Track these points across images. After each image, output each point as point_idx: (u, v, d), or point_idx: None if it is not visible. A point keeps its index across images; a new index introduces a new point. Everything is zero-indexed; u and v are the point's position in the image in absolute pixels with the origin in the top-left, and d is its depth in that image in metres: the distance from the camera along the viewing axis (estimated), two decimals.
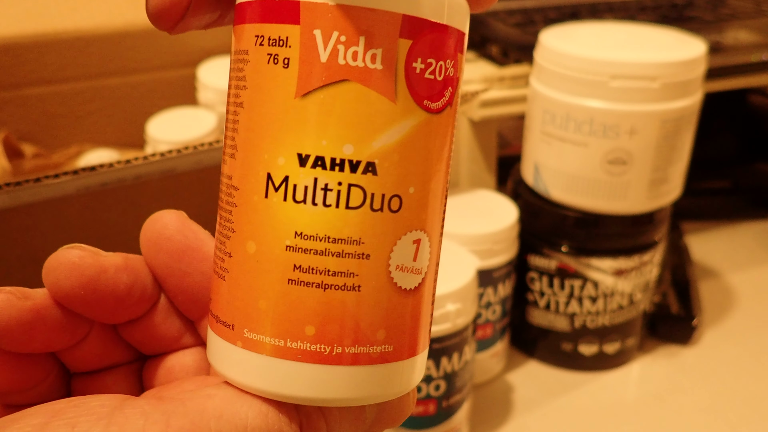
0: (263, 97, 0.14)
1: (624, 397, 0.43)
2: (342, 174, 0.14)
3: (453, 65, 0.15)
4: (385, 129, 0.14)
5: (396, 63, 0.14)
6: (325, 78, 0.14)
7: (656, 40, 0.40)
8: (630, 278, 0.43)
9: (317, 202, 0.14)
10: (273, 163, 0.14)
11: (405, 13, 0.14)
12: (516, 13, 0.66)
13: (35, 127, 0.59)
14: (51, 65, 0.57)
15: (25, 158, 0.55)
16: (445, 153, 0.16)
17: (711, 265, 0.57)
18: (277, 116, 0.14)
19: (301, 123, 0.14)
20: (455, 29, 0.15)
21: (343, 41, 0.14)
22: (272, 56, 0.14)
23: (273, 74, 0.14)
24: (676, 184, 0.42)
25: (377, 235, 0.14)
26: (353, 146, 0.14)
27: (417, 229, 0.15)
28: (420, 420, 0.36)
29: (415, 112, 0.15)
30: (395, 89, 0.14)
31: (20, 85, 0.57)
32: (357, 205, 0.14)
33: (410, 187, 0.15)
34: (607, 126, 0.38)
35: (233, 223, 0.15)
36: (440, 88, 0.15)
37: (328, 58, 0.14)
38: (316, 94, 0.14)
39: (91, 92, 0.60)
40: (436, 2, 0.15)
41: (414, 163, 0.15)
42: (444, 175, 0.16)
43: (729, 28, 0.61)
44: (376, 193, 0.14)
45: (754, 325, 0.50)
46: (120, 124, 0.62)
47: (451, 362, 0.35)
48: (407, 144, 0.15)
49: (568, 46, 0.39)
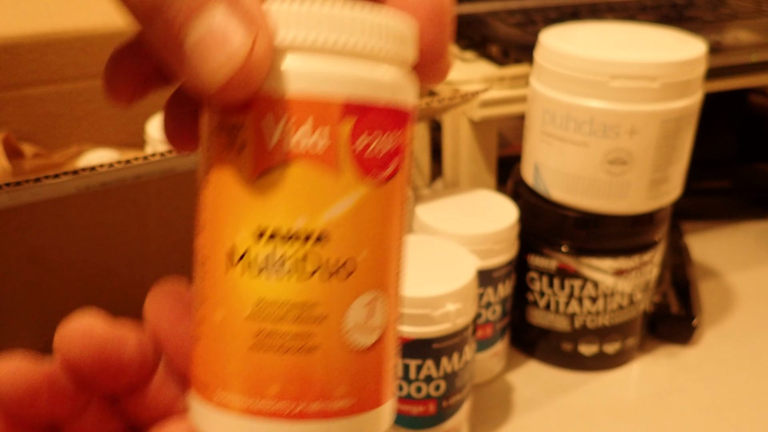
0: (223, 178, 0.16)
1: (624, 397, 0.43)
2: (296, 245, 0.16)
3: (397, 137, 0.17)
4: (333, 202, 0.16)
5: (340, 143, 0.16)
6: (277, 160, 0.15)
7: (656, 40, 0.40)
8: (630, 278, 0.43)
9: (275, 272, 0.16)
10: (234, 238, 0.16)
11: (346, 98, 0.15)
12: (516, 13, 0.66)
13: (35, 127, 0.59)
14: (51, 65, 0.57)
15: (25, 158, 0.55)
16: (395, 216, 0.17)
17: (711, 265, 0.57)
18: (236, 196, 0.16)
19: (257, 201, 0.15)
20: (397, 106, 0.16)
21: (291, 126, 0.15)
22: (230, 142, 0.16)
23: (231, 158, 0.16)
24: (676, 184, 0.42)
25: (333, 298, 0.16)
26: (305, 219, 0.15)
27: (371, 290, 0.16)
28: (420, 420, 0.36)
29: (361, 185, 0.16)
30: (341, 166, 0.16)
31: (20, 85, 0.57)
32: (312, 272, 0.16)
33: (362, 251, 0.16)
34: (607, 126, 0.38)
35: (204, 291, 0.17)
36: (385, 160, 0.16)
37: (277, 142, 0.15)
38: (269, 175, 0.15)
39: (92, 92, 0.60)
40: (375, 85, 0.16)
41: (364, 229, 0.16)
42: (398, 235, 0.17)
43: (729, 28, 0.61)
44: (330, 259, 0.16)
45: (754, 325, 0.50)
46: (120, 124, 0.62)
47: (451, 362, 0.35)
48: (356, 213, 0.16)
49: (568, 46, 0.39)
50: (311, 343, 0.16)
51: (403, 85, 0.17)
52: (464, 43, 0.60)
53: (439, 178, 0.67)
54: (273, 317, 0.16)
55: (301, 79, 0.15)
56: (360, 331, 0.16)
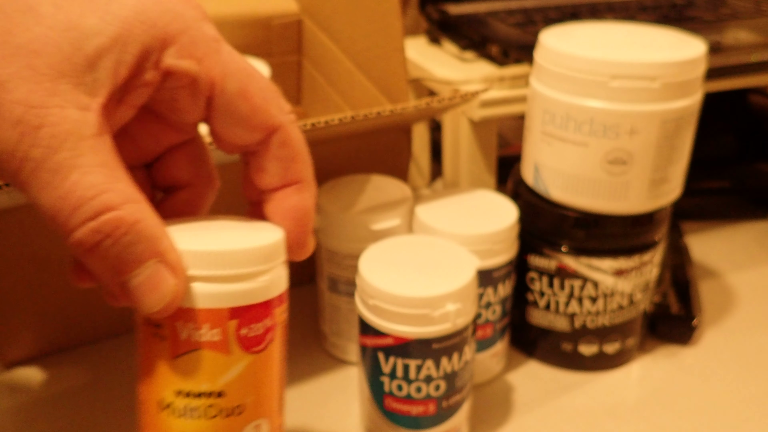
0: (152, 354, 0.24)
1: (624, 397, 0.43)
2: (203, 399, 0.23)
3: (270, 319, 0.24)
4: (227, 371, 0.23)
5: (229, 334, 0.23)
6: (186, 348, 0.23)
7: (656, 40, 0.40)
8: (630, 278, 0.43)
9: (190, 416, 0.23)
10: (162, 393, 0.23)
11: (231, 307, 0.23)
12: (516, 13, 0.66)
13: None
14: None
15: None
16: (274, 368, 0.25)
17: (711, 265, 0.57)
18: (161, 367, 0.23)
19: (175, 373, 0.23)
20: (271, 299, 0.24)
21: (194, 326, 0.23)
22: (155, 333, 0.23)
23: (156, 342, 0.23)
24: (676, 184, 0.42)
25: (230, 428, 0.24)
26: (209, 384, 0.23)
27: (257, 419, 0.24)
28: (420, 420, 0.36)
29: (246, 357, 0.24)
30: (231, 348, 0.23)
31: None
32: (214, 415, 0.23)
33: (250, 397, 0.24)
34: (607, 126, 0.38)
35: (143, 423, 0.24)
36: (262, 337, 0.24)
37: (186, 337, 0.23)
38: (182, 357, 0.23)
39: None
40: (252, 293, 0.23)
41: (250, 383, 0.24)
42: (277, 379, 0.25)
43: (729, 28, 0.61)
44: (227, 406, 0.23)
45: (754, 325, 0.50)
46: None
47: (451, 362, 0.35)
48: (244, 375, 0.24)
49: (568, 46, 0.39)
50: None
51: (275, 281, 0.24)
52: (464, 43, 0.60)
53: (439, 178, 0.67)
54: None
55: (200, 299, 0.22)
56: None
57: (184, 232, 0.23)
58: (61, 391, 0.44)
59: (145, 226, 0.21)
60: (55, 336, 0.47)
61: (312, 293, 0.55)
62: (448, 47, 0.62)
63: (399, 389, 0.35)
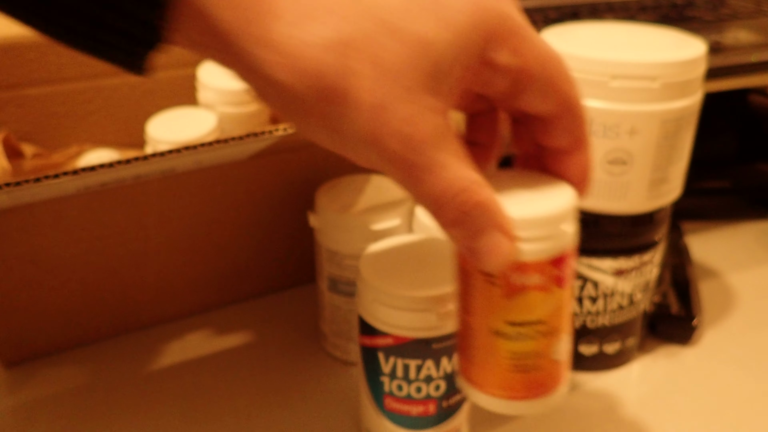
0: (486, 297, 0.29)
1: (624, 397, 0.43)
2: (527, 327, 0.29)
3: (573, 259, 0.29)
4: (546, 304, 0.28)
5: (549, 278, 0.28)
6: (516, 291, 0.28)
7: (656, 40, 0.40)
8: (630, 278, 0.43)
9: (519, 339, 0.29)
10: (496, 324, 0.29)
11: (550, 257, 0.27)
12: None
13: (35, 127, 0.59)
14: (51, 65, 0.57)
15: (25, 158, 0.55)
16: (572, 297, 0.32)
17: (711, 265, 0.57)
18: (495, 305, 0.28)
19: (507, 309, 0.28)
20: (574, 248, 0.29)
21: (523, 275, 0.28)
22: (488, 280, 0.28)
23: (489, 289, 0.28)
24: (676, 184, 0.42)
25: (546, 345, 0.29)
26: (533, 316, 0.28)
27: (562, 335, 0.29)
28: (420, 420, 0.36)
29: (558, 292, 0.28)
30: (550, 288, 0.28)
31: (20, 85, 0.57)
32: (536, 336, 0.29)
33: (559, 321, 0.29)
34: (607, 126, 0.38)
35: (476, 345, 0.30)
36: (568, 279, 0.29)
37: (516, 282, 0.28)
38: (513, 297, 0.28)
39: (91, 92, 0.60)
40: (564, 244, 0.28)
41: (560, 311, 0.29)
42: (572, 306, 0.32)
43: (729, 28, 0.61)
44: (544, 330, 0.29)
45: (754, 325, 0.50)
46: (120, 124, 0.62)
47: (452, 362, 0.35)
48: (557, 306, 0.29)
49: (568, 46, 0.39)
50: (538, 366, 0.29)
51: (574, 233, 0.28)
52: None
53: None
54: (518, 358, 0.28)
55: (528, 254, 0.27)
56: (559, 354, 0.29)
57: (506, 199, 0.27)
58: (61, 391, 0.44)
59: (490, 204, 0.25)
60: (55, 336, 0.47)
61: (312, 293, 0.55)
62: None
63: (399, 389, 0.35)
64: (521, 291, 0.28)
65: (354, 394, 0.44)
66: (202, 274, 0.51)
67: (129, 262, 0.47)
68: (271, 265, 0.53)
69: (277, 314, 0.52)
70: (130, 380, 0.45)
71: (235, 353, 0.48)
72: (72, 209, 0.44)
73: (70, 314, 0.47)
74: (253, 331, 0.50)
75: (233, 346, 0.49)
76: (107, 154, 0.57)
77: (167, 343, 0.49)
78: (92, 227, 0.45)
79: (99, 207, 0.45)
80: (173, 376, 0.46)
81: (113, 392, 0.44)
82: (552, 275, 0.28)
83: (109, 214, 0.45)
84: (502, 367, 0.29)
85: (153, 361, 0.47)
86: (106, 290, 0.48)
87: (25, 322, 0.46)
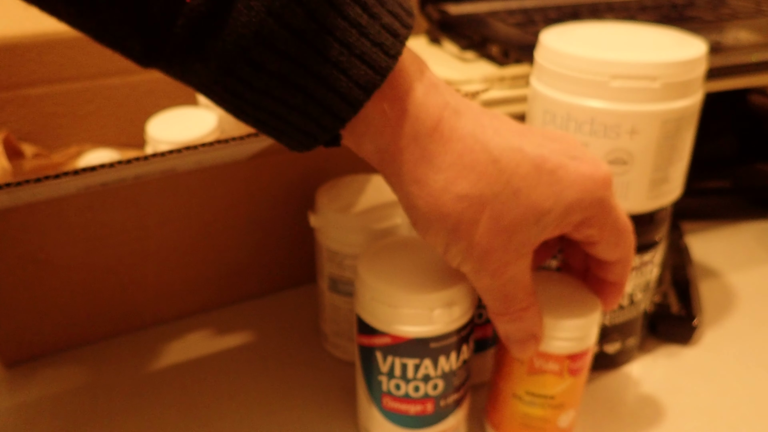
0: (513, 370, 0.37)
1: (624, 397, 0.43)
2: (541, 399, 0.37)
3: (587, 357, 0.37)
4: (558, 386, 0.37)
5: (563, 368, 0.36)
6: (537, 371, 0.36)
7: (656, 40, 0.40)
8: (630, 278, 0.42)
9: (532, 405, 0.37)
10: (516, 390, 0.37)
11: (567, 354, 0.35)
12: (516, 13, 0.66)
13: (35, 127, 0.59)
14: (51, 65, 0.57)
15: (25, 158, 0.55)
16: (583, 383, 0.38)
17: (711, 265, 0.57)
18: (518, 377, 0.37)
19: (527, 382, 0.37)
20: (588, 347, 0.36)
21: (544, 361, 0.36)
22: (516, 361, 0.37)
23: (517, 365, 0.37)
24: (676, 184, 0.41)
25: (554, 416, 0.37)
26: (547, 391, 0.37)
27: (570, 410, 0.38)
28: (418, 419, 0.36)
29: (570, 379, 0.37)
30: (563, 375, 0.36)
31: (20, 85, 0.57)
32: (546, 406, 0.37)
33: (568, 399, 0.37)
34: (607, 126, 0.38)
35: (502, 405, 0.39)
36: (581, 368, 0.36)
37: (538, 366, 0.36)
38: (533, 375, 0.36)
39: (91, 92, 0.60)
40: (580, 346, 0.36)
41: (570, 392, 0.37)
42: (583, 387, 0.39)
43: (729, 28, 0.61)
44: (554, 404, 0.37)
45: (754, 325, 0.50)
46: (120, 124, 0.61)
47: (449, 361, 0.35)
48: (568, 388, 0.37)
49: (568, 46, 0.38)
50: (544, 429, 0.37)
51: (591, 337, 0.36)
52: (464, 43, 0.60)
53: None
54: (529, 419, 0.37)
55: (551, 348, 0.35)
56: (564, 423, 0.37)
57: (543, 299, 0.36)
58: (61, 391, 0.44)
59: (536, 322, 0.33)
60: (55, 336, 0.47)
61: (312, 293, 0.54)
62: (449, 47, 0.62)
63: (397, 388, 0.35)
64: (540, 372, 0.35)
65: (354, 394, 0.44)
66: (202, 274, 0.51)
67: (129, 262, 0.47)
68: (271, 265, 0.53)
69: (277, 314, 0.52)
70: (130, 380, 0.45)
71: (235, 353, 0.48)
72: (73, 209, 0.44)
73: (71, 314, 0.47)
74: (253, 331, 0.50)
75: (233, 346, 0.49)
76: (107, 154, 0.57)
77: (167, 343, 0.49)
78: (93, 227, 0.45)
79: (100, 207, 0.45)
80: (173, 376, 0.46)
81: (113, 392, 0.44)
82: (567, 366, 0.35)
83: (110, 214, 0.45)
84: (516, 422, 0.37)
85: (153, 361, 0.47)
86: (106, 290, 0.48)
87: (26, 322, 0.46)
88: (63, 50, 0.57)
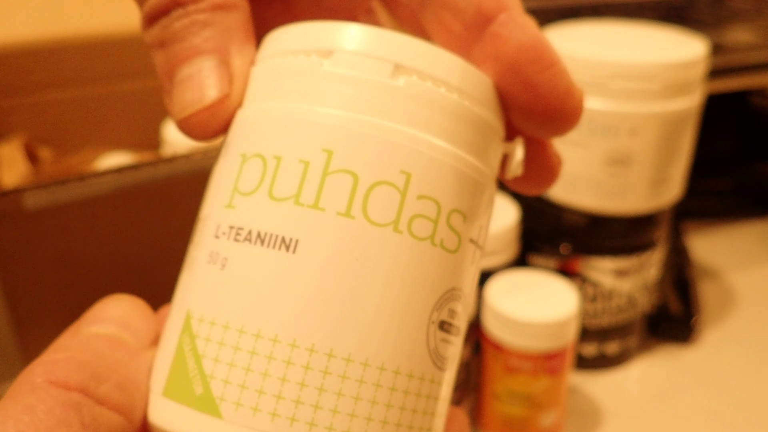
0: (492, 367, 0.36)
1: (624, 397, 0.42)
2: (520, 397, 0.36)
3: (564, 357, 0.35)
4: (535, 385, 0.35)
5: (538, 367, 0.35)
6: (513, 370, 0.35)
7: (656, 40, 0.38)
8: (630, 278, 0.41)
9: (510, 404, 0.36)
10: (496, 390, 0.37)
11: (541, 353, 0.34)
12: None
13: (51, 130, 0.58)
14: (67, 69, 0.56)
15: (43, 162, 0.54)
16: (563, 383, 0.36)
17: (711, 265, 0.55)
18: (497, 375, 0.36)
19: (505, 380, 0.36)
20: (566, 347, 0.35)
21: (519, 361, 0.35)
22: (495, 357, 0.35)
23: (495, 363, 0.35)
24: (676, 184, 0.40)
25: (533, 414, 0.36)
26: (524, 389, 0.36)
27: (549, 409, 0.36)
28: None
29: (547, 378, 0.35)
30: (538, 375, 0.35)
31: (37, 89, 0.56)
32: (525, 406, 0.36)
33: (546, 398, 0.36)
34: (607, 126, 0.37)
35: (480, 405, 0.38)
36: (557, 367, 0.35)
37: (514, 365, 0.35)
38: (510, 374, 0.36)
39: (107, 95, 0.59)
40: (555, 345, 0.34)
41: (548, 392, 0.36)
42: (564, 387, 0.37)
43: (729, 29, 0.59)
44: (533, 402, 0.36)
45: (754, 325, 0.48)
46: (136, 127, 0.61)
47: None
48: (544, 388, 0.36)
49: (568, 46, 0.37)
50: (525, 428, 0.37)
51: (569, 336, 0.35)
52: None
53: None
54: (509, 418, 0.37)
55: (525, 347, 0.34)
56: (546, 422, 0.36)
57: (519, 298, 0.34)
58: None
59: None
60: None
61: None
62: None
63: None
64: (515, 371, 0.35)
65: None
66: None
67: (158, 263, 0.46)
68: None
69: None
70: None
71: None
72: (102, 211, 0.43)
73: None
74: None
75: None
76: (123, 158, 0.56)
77: None
78: (122, 229, 0.44)
79: (129, 208, 0.44)
80: None
81: None
82: (543, 366, 0.34)
83: (140, 215, 0.44)
84: (498, 421, 0.37)
85: None
86: (134, 291, 0.46)
87: (54, 325, 0.45)
88: (79, 54, 0.56)
